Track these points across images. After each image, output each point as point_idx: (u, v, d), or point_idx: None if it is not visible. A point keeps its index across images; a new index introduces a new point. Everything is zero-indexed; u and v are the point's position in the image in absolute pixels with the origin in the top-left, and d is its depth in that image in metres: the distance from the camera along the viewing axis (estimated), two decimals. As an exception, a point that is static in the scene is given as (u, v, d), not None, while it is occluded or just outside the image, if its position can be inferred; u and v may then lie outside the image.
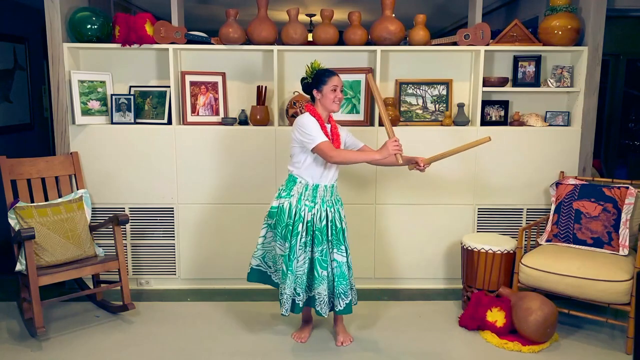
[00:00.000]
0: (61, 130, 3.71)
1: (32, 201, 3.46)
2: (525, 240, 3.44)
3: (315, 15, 6.72)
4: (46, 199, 3.53)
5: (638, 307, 2.69)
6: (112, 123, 3.76)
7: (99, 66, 3.83)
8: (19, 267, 3.22)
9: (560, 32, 3.65)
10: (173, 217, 3.84)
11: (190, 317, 3.45)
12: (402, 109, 3.90)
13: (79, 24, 3.62)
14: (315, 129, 2.87)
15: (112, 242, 3.63)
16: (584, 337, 3.20)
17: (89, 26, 3.62)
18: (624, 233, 3.25)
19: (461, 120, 3.81)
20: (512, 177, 3.83)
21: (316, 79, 2.95)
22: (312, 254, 2.96)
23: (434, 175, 3.78)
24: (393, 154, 2.83)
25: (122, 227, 3.64)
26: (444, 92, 3.90)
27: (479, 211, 3.88)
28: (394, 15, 3.74)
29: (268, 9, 3.73)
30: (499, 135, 3.77)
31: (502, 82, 3.80)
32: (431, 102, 3.91)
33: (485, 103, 3.85)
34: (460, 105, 3.84)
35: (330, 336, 3.20)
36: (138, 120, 3.79)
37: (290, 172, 3.02)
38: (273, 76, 3.76)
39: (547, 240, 3.47)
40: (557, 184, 3.57)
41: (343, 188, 3.59)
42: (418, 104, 3.91)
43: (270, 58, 3.82)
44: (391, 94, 3.91)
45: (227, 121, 3.78)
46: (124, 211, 3.81)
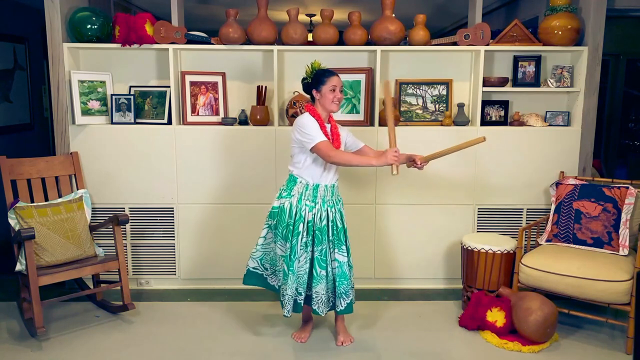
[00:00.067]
0: (61, 130, 3.71)
1: (32, 201, 3.46)
2: (525, 240, 3.44)
3: (315, 15, 6.72)
4: (46, 199, 3.53)
5: (638, 307, 2.69)
6: (112, 123, 3.76)
7: (99, 66, 3.83)
8: (19, 267, 3.22)
9: (560, 32, 3.66)
10: (173, 217, 3.84)
11: (190, 317, 3.45)
12: (402, 109, 3.90)
13: (79, 24, 3.62)
14: (315, 128, 2.87)
15: (112, 242, 3.63)
16: (584, 337, 3.20)
17: (89, 26, 3.62)
18: (624, 233, 3.25)
19: (461, 120, 3.81)
20: (512, 177, 3.83)
21: (315, 79, 2.96)
22: (312, 254, 2.96)
23: (434, 175, 3.78)
24: (390, 164, 2.81)
25: (122, 227, 3.64)
26: (444, 92, 3.90)
27: (479, 211, 3.88)
28: (394, 15, 3.74)
29: (268, 9, 3.73)
30: (499, 135, 3.78)
31: (502, 82, 3.80)
32: (431, 102, 3.91)
33: (485, 103, 3.85)
34: (460, 105, 3.84)
35: (331, 336, 3.20)
36: (138, 120, 3.79)
37: (290, 172, 3.02)
38: (273, 76, 3.76)
39: (547, 240, 3.47)
40: (557, 184, 3.57)
41: (343, 188, 3.59)
42: (418, 104, 3.91)
43: (270, 58, 3.82)
44: (391, 94, 3.91)
45: (227, 121, 3.78)
46: (124, 211, 3.81)
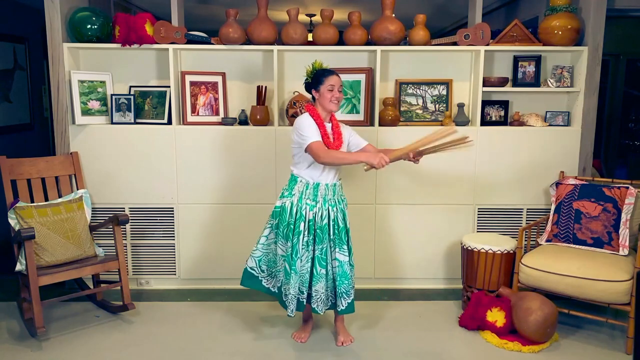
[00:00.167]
0: (61, 130, 3.71)
1: (32, 201, 3.46)
2: (525, 240, 3.44)
3: (315, 15, 6.72)
4: (46, 199, 3.53)
5: (638, 307, 2.69)
6: (112, 123, 3.76)
7: (99, 66, 3.83)
8: (19, 267, 3.22)
9: (560, 32, 3.65)
10: (173, 217, 3.84)
11: (190, 317, 3.45)
12: (402, 109, 3.90)
13: (79, 24, 3.62)
14: (310, 129, 2.87)
15: (112, 242, 3.63)
16: (584, 337, 3.20)
17: (89, 26, 3.62)
18: (624, 233, 3.25)
19: (461, 120, 3.81)
20: (512, 177, 3.83)
21: (314, 78, 2.96)
22: (314, 253, 2.97)
23: (434, 176, 3.78)
24: (373, 165, 2.79)
25: (122, 227, 3.64)
26: (444, 92, 3.89)
27: (479, 211, 3.88)
28: (394, 15, 3.74)
29: (268, 9, 3.73)
30: (499, 135, 3.78)
31: (502, 82, 3.80)
32: (431, 102, 3.91)
33: (485, 103, 3.85)
34: (460, 105, 3.84)
35: (331, 336, 3.20)
36: (138, 120, 3.79)
37: (292, 172, 3.03)
38: (273, 76, 3.76)
39: (547, 240, 3.47)
40: (557, 184, 3.57)
41: (343, 188, 3.58)
42: (418, 104, 3.91)
43: (270, 58, 3.81)
44: (391, 94, 3.91)
45: (227, 121, 3.78)
46: (124, 211, 3.81)
